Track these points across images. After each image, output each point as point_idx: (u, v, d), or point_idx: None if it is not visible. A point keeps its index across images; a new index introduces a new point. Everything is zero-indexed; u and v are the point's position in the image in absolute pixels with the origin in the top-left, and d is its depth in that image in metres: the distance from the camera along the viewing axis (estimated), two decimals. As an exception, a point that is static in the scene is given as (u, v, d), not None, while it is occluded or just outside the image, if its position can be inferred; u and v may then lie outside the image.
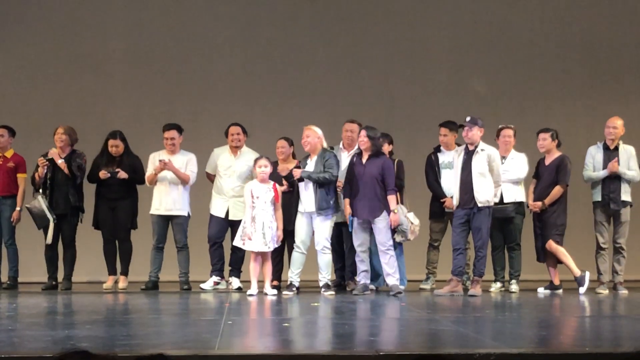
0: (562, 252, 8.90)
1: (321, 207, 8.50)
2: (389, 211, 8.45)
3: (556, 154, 9.10)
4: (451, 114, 9.79)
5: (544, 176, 9.07)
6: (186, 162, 9.26)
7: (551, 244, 8.89)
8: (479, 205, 8.43)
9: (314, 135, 8.65)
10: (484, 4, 11.74)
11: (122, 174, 9.14)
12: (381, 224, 8.46)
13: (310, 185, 8.52)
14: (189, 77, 11.39)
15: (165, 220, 9.20)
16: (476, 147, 8.55)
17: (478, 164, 8.49)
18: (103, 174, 9.12)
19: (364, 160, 8.56)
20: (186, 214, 9.22)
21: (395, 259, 8.55)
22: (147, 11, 11.47)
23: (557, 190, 8.96)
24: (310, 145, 8.64)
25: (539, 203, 8.95)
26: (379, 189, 8.47)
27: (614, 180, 8.97)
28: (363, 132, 8.57)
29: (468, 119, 8.59)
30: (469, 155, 8.55)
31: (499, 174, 8.61)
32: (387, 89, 11.53)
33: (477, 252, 8.52)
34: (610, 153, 9.07)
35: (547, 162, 9.11)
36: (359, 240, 8.54)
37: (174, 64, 11.40)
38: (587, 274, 8.87)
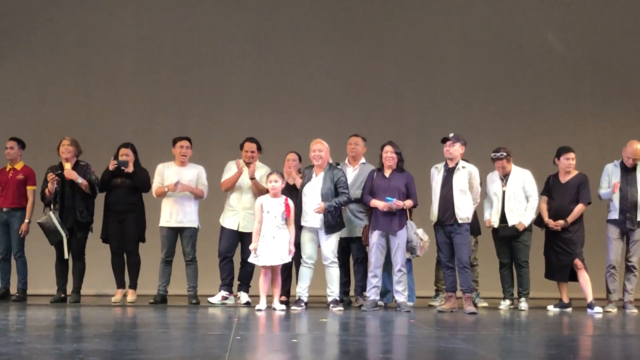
0: (586, 275, 8.88)
1: (329, 224, 8.50)
2: (407, 229, 8.56)
3: (574, 172, 9.08)
4: (461, 128, 9.78)
5: (561, 194, 9.03)
6: (197, 174, 9.27)
7: (578, 263, 8.88)
8: (460, 221, 8.43)
9: (326, 150, 8.66)
10: (494, 20, 11.77)
11: (130, 167, 9.13)
12: (400, 241, 8.47)
13: (318, 201, 8.50)
14: (199, 89, 11.44)
15: (175, 233, 9.21)
16: (457, 164, 8.56)
17: (459, 180, 8.49)
18: (112, 164, 9.12)
19: (387, 174, 8.57)
20: (196, 227, 9.23)
21: (406, 277, 8.55)
22: (157, 23, 11.53)
23: (580, 209, 8.95)
24: (322, 160, 8.63)
25: (561, 222, 8.92)
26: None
27: (632, 199, 8.93)
28: (390, 148, 8.56)
29: (451, 135, 8.60)
30: (449, 172, 8.56)
31: (478, 191, 8.62)
32: (397, 103, 11.56)
33: (461, 268, 8.50)
34: (627, 173, 9.04)
35: (564, 179, 9.07)
36: (375, 255, 8.52)
37: (184, 77, 11.45)
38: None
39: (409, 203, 8.52)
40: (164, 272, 9.25)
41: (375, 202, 8.50)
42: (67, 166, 9.06)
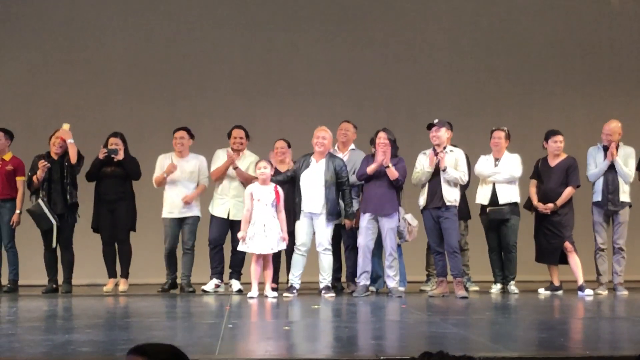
0: (576, 258, 8.92)
1: (332, 212, 8.53)
2: (399, 214, 8.55)
3: (563, 155, 9.11)
4: (451, 113, 9.80)
5: (550, 177, 9.05)
6: (197, 166, 9.24)
7: (568, 246, 8.91)
8: (447, 204, 8.46)
9: (329, 139, 8.68)
10: (483, 5, 11.75)
11: (121, 155, 9.12)
12: (390, 225, 8.48)
13: (319, 187, 8.52)
14: (188, 78, 11.39)
15: (178, 223, 9.19)
16: (444, 148, 8.57)
17: (447, 164, 8.48)
18: (102, 152, 9.10)
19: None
20: (199, 215, 9.22)
21: (397, 262, 8.58)
22: (145, 13, 11.46)
23: (569, 191, 8.97)
24: (324, 147, 8.64)
25: (551, 205, 8.94)
26: (392, 189, 8.52)
27: (613, 181, 8.97)
28: (383, 135, 8.56)
29: (436, 120, 8.61)
30: (436, 156, 8.55)
31: (465, 173, 8.62)
32: (387, 90, 11.54)
33: (450, 253, 8.52)
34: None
35: (553, 163, 9.09)
36: (365, 239, 8.54)
37: (173, 66, 11.40)
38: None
39: (394, 172, 8.48)
40: (170, 261, 9.24)
41: (371, 166, 8.47)
42: (66, 126, 9.00)
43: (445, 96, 11.41)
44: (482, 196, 9.10)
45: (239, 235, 8.44)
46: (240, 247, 8.51)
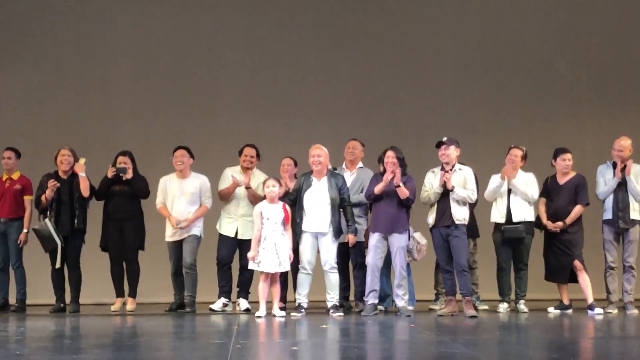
0: (585, 276, 8.87)
1: (338, 230, 8.51)
2: (409, 233, 8.54)
3: (572, 173, 9.08)
4: (458, 131, 9.78)
5: (559, 195, 9.02)
6: (199, 187, 9.21)
7: (577, 264, 8.86)
8: (456, 222, 8.42)
9: (325, 156, 8.63)
10: (490, 23, 11.77)
11: (129, 173, 9.11)
12: (400, 243, 8.46)
13: (324, 206, 8.49)
14: (195, 96, 11.43)
15: (180, 244, 9.18)
16: (453, 166, 8.54)
17: (455, 183, 8.48)
18: (111, 171, 9.10)
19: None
20: (198, 234, 9.19)
21: (407, 281, 8.54)
22: (152, 31, 11.52)
23: (578, 210, 8.95)
24: (321, 165, 8.61)
25: (560, 223, 8.90)
26: (402, 207, 8.51)
27: (623, 198, 8.93)
28: (392, 154, 8.53)
29: (445, 138, 8.58)
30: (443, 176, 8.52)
31: (474, 192, 8.59)
32: (394, 107, 11.56)
33: (459, 272, 8.48)
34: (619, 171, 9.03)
35: (562, 181, 9.07)
36: (373, 258, 8.51)
37: (180, 84, 11.44)
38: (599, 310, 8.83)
39: (405, 191, 8.46)
40: (177, 282, 9.25)
41: (379, 186, 8.45)
42: (82, 161, 9.02)
43: (452, 113, 11.40)
44: (497, 214, 9.05)
45: (249, 255, 8.40)
46: (251, 266, 8.47)
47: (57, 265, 9.01)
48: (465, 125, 11.14)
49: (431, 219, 8.59)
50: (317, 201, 8.53)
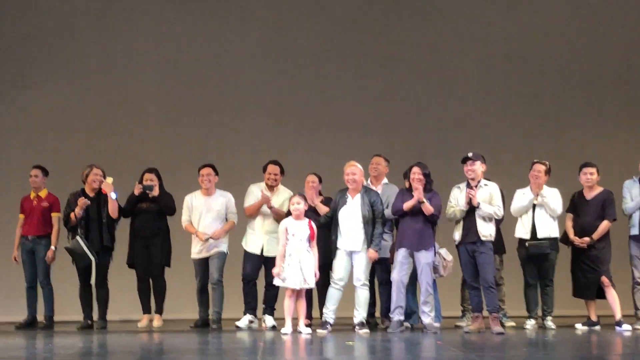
0: (613, 292, 8.81)
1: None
2: (435, 249, 8.53)
3: (598, 188, 9.01)
4: (484, 146, 9.75)
5: (586, 211, 8.96)
6: (225, 204, 9.25)
7: (605, 280, 8.80)
8: (482, 239, 8.38)
9: (360, 173, 8.63)
10: (514, 37, 11.76)
11: (156, 190, 9.15)
12: (426, 260, 8.45)
13: (358, 224, 8.49)
14: (221, 113, 11.50)
15: (206, 261, 9.23)
16: (478, 182, 8.51)
17: (481, 198, 8.44)
18: (138, 188, 9.15)
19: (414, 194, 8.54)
20: (224, 251, 9.22)
21: (433, 298, 8.51)
22: (177, 50, 11.61)
23: (605, 225, 8.89)
24: (356, 183, 8.60)
25: (587, 239, 8.85)
26: (427, 223, 8.50)
27: (652, 213, 8.87)
28: (417, 170, 8.53)
29: (470, 154, 8.55)
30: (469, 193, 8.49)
31: (500, 208, 8.54)
32: (418, 122, 11.56)
33: (486, 288, 8.43)
34: (647, 187, 8.98)
35: (589, 196, 9.01)
36: (399, 274, 8.49)
37: (206, 101, 11.52)
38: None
39: (429, 207, 8.45)
40: (202, 299, 9.30)
41: (408, 203, 8.45)
42: (109, 180, 9.08)
43: (477, 128, 11.38)
44: (521, 230, 9.00)
45: (274, 271, 8.42)
46: (275, 282, 8.48)
47: (92, 281, 9.07)
48: (489, 140, 11.10)
49: (457, 235, 8.56)
50: (351, 218, 8.53)
